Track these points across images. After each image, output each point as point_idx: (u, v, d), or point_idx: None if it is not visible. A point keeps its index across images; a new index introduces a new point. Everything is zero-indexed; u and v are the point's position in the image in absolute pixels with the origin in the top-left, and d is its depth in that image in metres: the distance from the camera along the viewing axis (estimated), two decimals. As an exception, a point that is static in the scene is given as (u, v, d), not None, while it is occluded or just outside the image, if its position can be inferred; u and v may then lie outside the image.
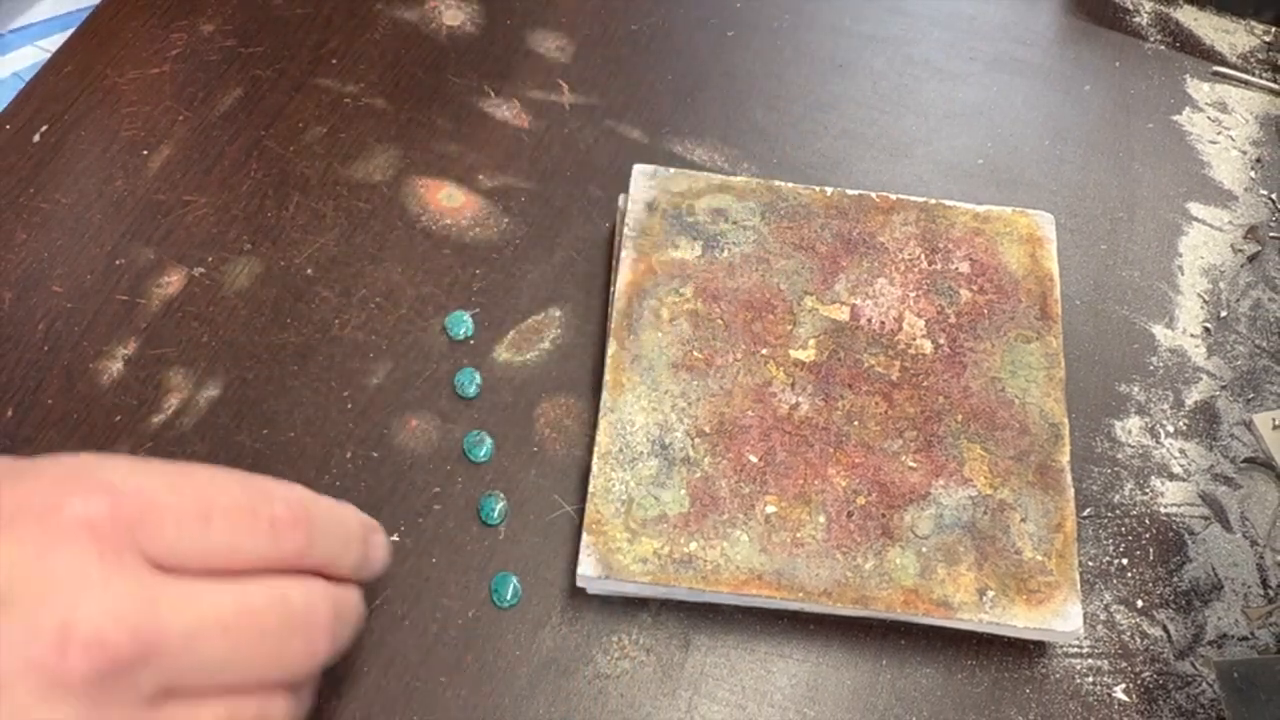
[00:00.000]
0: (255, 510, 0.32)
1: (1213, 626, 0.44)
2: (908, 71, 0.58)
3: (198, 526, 0.31)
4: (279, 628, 0.32)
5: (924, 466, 0.43)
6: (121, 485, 0.31)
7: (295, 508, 0.33)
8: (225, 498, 0.32)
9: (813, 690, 0.41)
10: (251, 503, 0.32)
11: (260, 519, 0.32)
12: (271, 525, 0.32)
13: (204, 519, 0.31)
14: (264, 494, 0.33)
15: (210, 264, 0.48)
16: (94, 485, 0.30)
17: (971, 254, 0.48)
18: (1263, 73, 0.59)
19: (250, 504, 0.32)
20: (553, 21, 0.57)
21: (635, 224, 0.47)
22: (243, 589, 0.32)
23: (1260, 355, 0.50)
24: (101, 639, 0.28)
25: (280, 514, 0.33)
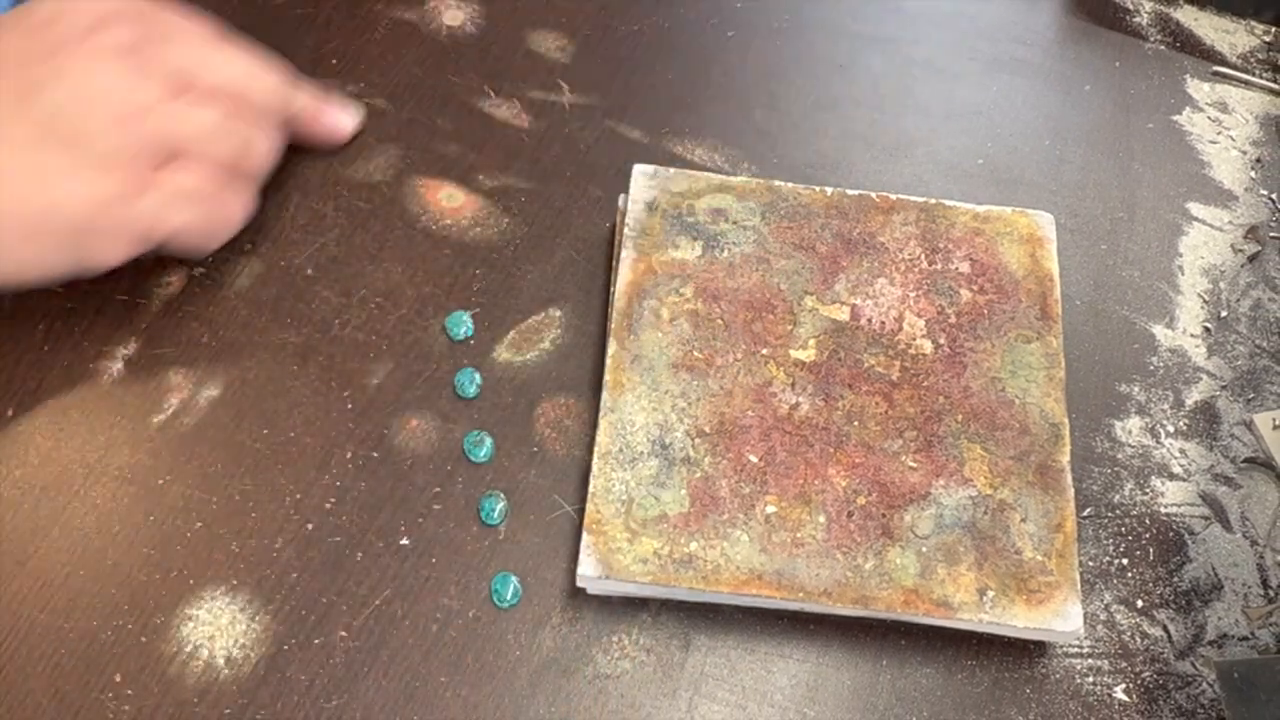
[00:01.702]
0: (255, 57, 0.46)
1: (1213, 626, 0.44)
2: (908, 71, 0.58)
3: (215, 45, 0.44)
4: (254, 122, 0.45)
5: (924, 466, 0.43)
6: (151, 13, 0.43)
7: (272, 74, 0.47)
8: (232, 34, 0.46)
9: (813, 690, 0.41)
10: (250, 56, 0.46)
11: (256, 57, 0.46)
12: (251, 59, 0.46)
13: (221, 40, 0.45)
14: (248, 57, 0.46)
15: (210, 264, 0.48)
16: (124, 13, 0.42)
17: (971, 254, 0.48)
18: (1263, 73, 0.59)
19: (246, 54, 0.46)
20: (553, 21, 0.57)
21: (635, 224, 0.47)
22: (222, 115, 0.44)
23: (1260, 355, 0.51)
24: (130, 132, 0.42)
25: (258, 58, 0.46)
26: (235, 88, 0.44)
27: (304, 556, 0.42)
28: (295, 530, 0.43)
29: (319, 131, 0.50)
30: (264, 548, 0.42)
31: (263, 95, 0.46)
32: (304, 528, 0.43)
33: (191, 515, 0.43)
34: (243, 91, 0.44)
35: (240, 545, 0.42)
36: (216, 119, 0.43)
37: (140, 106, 0.41)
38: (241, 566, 0.42)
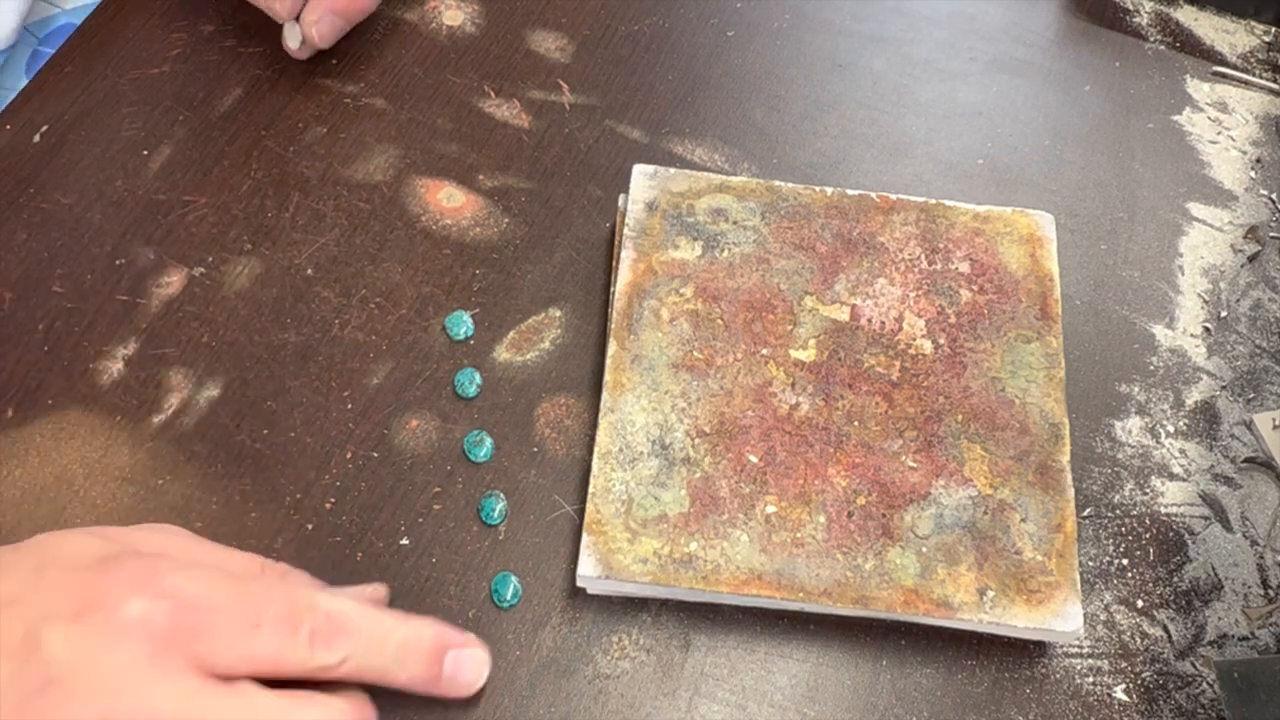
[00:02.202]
0: (299, 620, 0.35)
1: (1213, 626, 0.44)
2: (908, 71, 0.58)
3: (247, 634, 0.34)
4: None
5: (924, 466, 0.43)
6: (184, 592, 0.34)
7: (333, 621, 0.35)
8: (275, 606, 0.35)
9: (813, 690, 0.41)
10: (296, 613, 0.35)
11: (302, 629, 0.35)
12: (311, 636, 0.35)
13: (254, 628, 0.34)
14: (309, 604, 0.35)
15: (210, 264, 0.48)
16: (160, 590, 0.34)
17: (971, 254, 0.48)
18: (1263, 73, 0.59)
19: (296, 614, 0.35)
20: (553, 21, 0.57)
21: (635, 224, 0.47)
22: (280, 709, 0.34)
23: (1260, 355, 0.50)
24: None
25: (319, 626, 0.35)
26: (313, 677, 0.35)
27: (304, 556, 0.42)
28: (295, 530, 0.43)
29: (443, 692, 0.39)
30: (264, 548, 0.42)
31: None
32: (304, 528, 0.43)
33: (191, 515, 0.43)
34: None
35: (240, 545, 0.42)
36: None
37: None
38: (241, 566, 0.42)
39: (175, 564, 0.35)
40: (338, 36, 0.52)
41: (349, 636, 0.36)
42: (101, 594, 0.33)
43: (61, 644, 0.32)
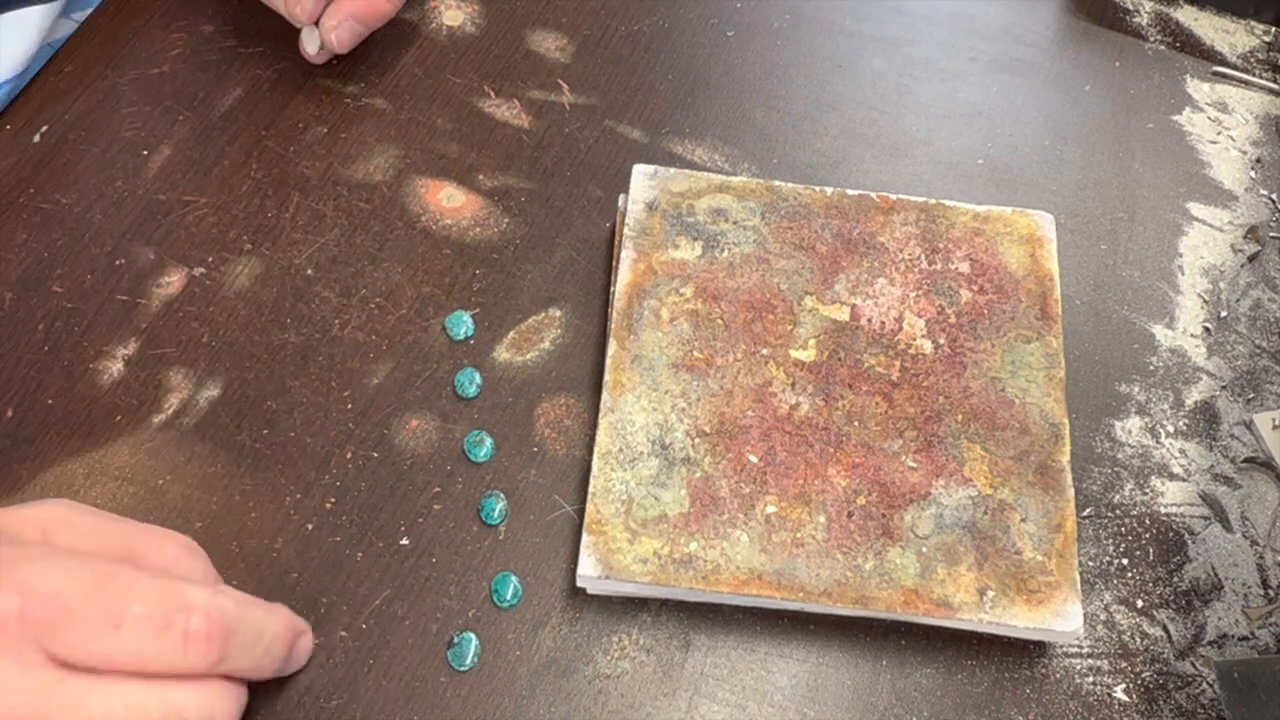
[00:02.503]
0: (170, 620, 0.33)
1: (1213, 626, 0.44)
2: (908, 71, 0.58)
3: (106, 633, 0.32)
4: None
5: (924, 466, 0.43)
6: (38, 586, 0.32)
7: (214, 620, 0.33)
8: (141, 606, 0.33)
9: (813, 690, 0.41)
10: (166, 613, 0.33)
11: (173, 630, 0.33)
12: (184, 638, 0.33)
13: (114, 626, 0.32)
14: (183, 604, 0.33)
15: (210, 264, 0.48)
16: (9, 583, 0.32)
17: (971, 254, 0.48)
18: (1263, 73, 0.59)
19: (165, 614, 0.33)
20: (553, 21, 0.57)
21: (635, 224, 0.47)
22: (140, 697, 0.33)
23: (1260, 355, 0.50)
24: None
25: (196, 627, 0.33)
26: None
27: (304, 556, 0.42)
28: (295, 530, 0.43)
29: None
30: (264, 548, 0.42)
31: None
32: (304, 528, 0.43)
33: (191, 515, 0.43)
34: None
35: (240, 545, 0.42)
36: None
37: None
38: (241, 566, 0.42)
39: (36, 554, 0.33)
40: (356, 42, 0.52)
41: (225, 639, 0.34)
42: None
43: None
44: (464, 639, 0.41)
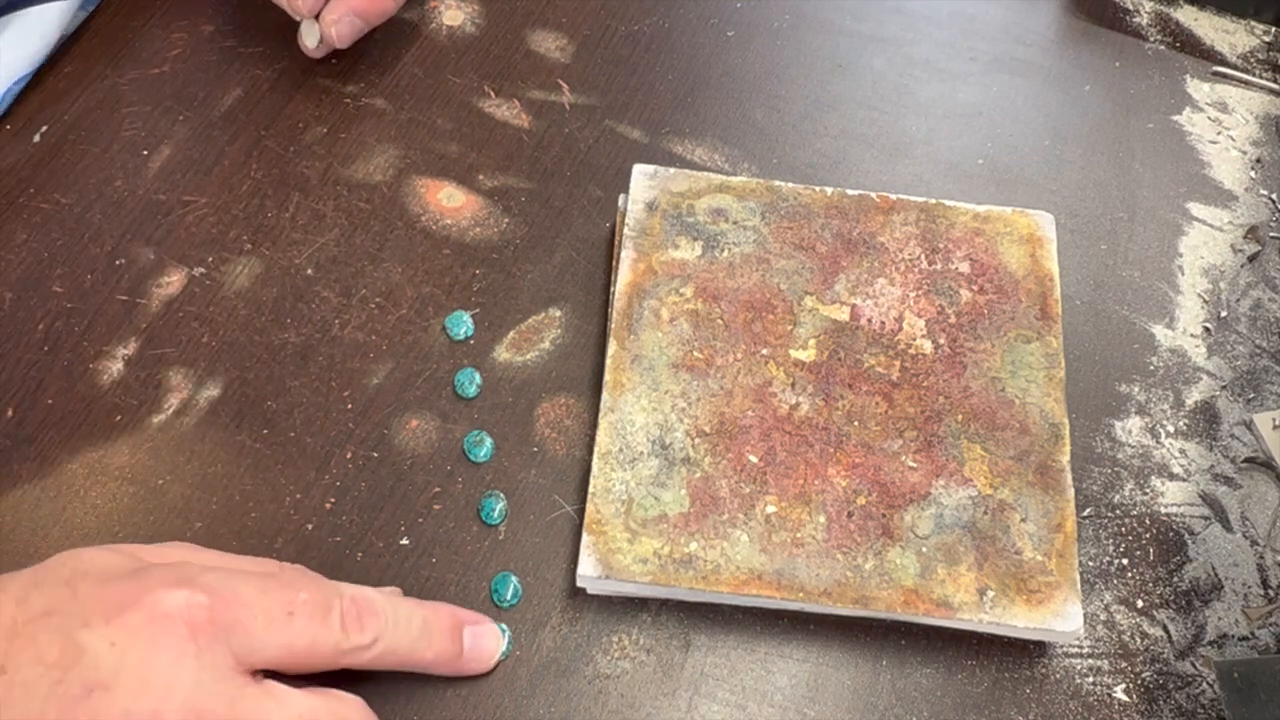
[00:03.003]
0: (329, 605, 0.36)
1: (1213, 626, 0.44)
2: (908, 71, 0.58)
3: (284, 622, 0.35)
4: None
5: (924, 466, 0.43)
6: (220, 587, 0.34)
7: (360, 602, 0.37)
8: (304, 594, 0.36)
9: (813, 690, 0.41)
10: (326, 598, 0.36)
11: (333, 614, 0.36)
12: (342, 618, 0.36)
13: (289, 615, 0.35)
14: (335, 591, 0.37)
15: (210, 264, 0.48)
16: (197, 585, 0.34)
17: (971, 254, 0.48)
18: (1263, 73, 0.59)
19: (325, 599, 0.36)
20: (553, 21, 0.57)
21: (635, 224, 0.47)
22: (310, 704, 0.35)
23: (1260, 355, 0.50)
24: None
25: (348, 608, 0.36)
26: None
27: (304, 556, 0.42)
28: (295, 530, 0.43)
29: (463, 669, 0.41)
30: (264, 548, 0.42)
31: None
32: (304, 528, 0.43)
33: (191, 515, 0.43)
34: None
35: (240, 545, 0.42)
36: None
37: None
38: (241, 566, 0.42)
39: (202, 567, 0.35)
40: (356, 37, 0.52)
41: (376, 618, 0.36)
42: (137, 595, 0.33)
43: (104, 648, 0.32)
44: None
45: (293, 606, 0.35)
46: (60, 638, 0.32)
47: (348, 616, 0.36)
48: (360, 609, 0.36)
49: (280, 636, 0.34)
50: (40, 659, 0.32)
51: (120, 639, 0.32)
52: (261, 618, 0.34)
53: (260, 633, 0.34)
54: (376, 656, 0.36)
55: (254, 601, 0.34)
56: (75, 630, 0.32)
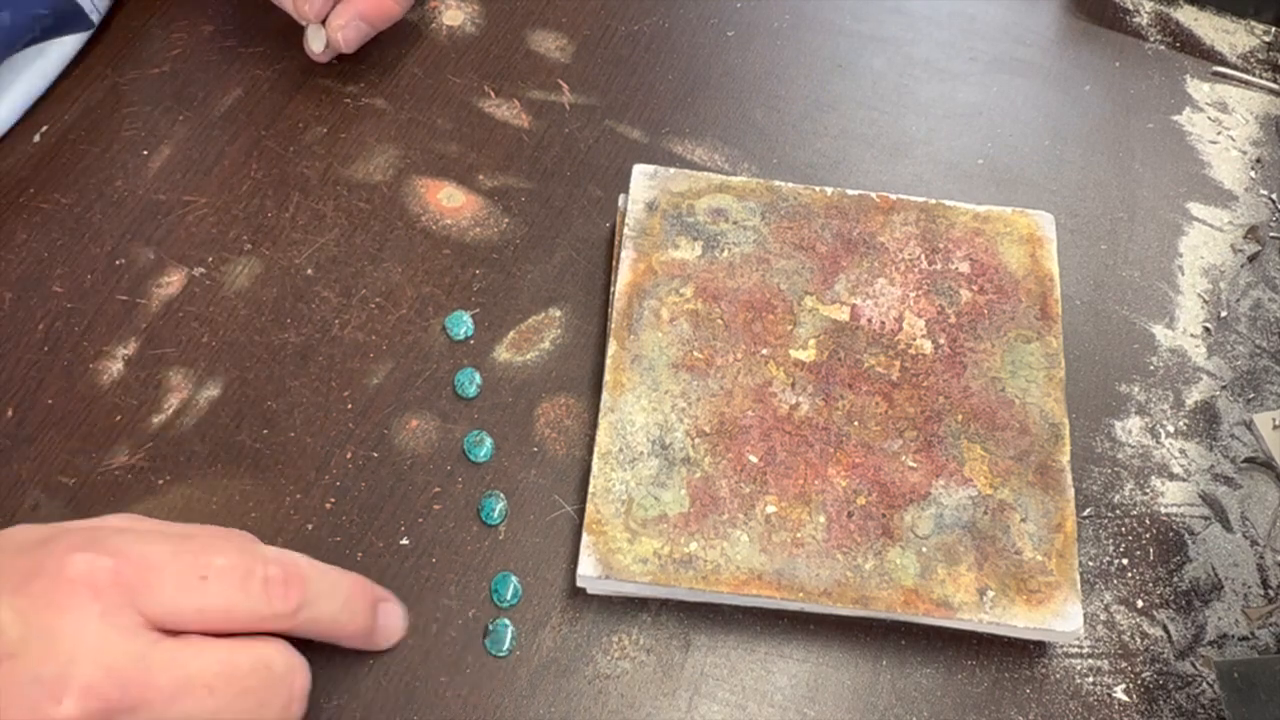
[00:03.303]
0: (250, 570, 0.35)
1: (1213, 626, 0.44)
2: (908, 71, 0.58)
3: (195, 586, 0.34)
4: (259, 688, 0.35)
5: (924, 466, 0.43)
6: (127, 550, 0.34)
7: (288, 568, 0.36)
8: (222, 559, 0.35)
9: (813, 690, 0.41)
10: (246, 564, 0.35)
11: (254, 578, 0.35)
12: (265, 584, 0.35)
13: (200, 579, 0.34)
14: (259, 556, 0.36)
15: (210, 264, 0.48)
16: (101, 549, 0.34)
17: (971, 254, 0.48)
18: (1263, 73, 0.59)
19: (245, 565, 0.35)
20: (553, 21, 0.57)
21: (635, 224, 0.47)
22: (229, 651, 0.34)
23: (1260, 355, 0.51)
24: (94, 690, 0.32)
25: (273, 574, 0.35)
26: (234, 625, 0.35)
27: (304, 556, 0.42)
28: (295, 530, 0.43)
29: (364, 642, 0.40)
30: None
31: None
32: (304, 528, 0.43)
33: (191, 515, 0.43)
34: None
35: (240, 545, 0.42)
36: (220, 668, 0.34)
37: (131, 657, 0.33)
38: (241, 566, 0.42)
39: (117, 528, 0.35)
40: (363, 42, 0.52)
41: (302, 586, 0.36)
42: (42, 561, 0.33)
43: (10, 617, 0.32)
44: (500, 625, 0.41)
45: (206, 570, 0.34)
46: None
47: (272, 583, 0.35)
48: (287, 575, 0.35)
49: (192, 600, 0.34)
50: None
51: (25, 606, 0.32)
52: (171, 580, 0.34)
53: (170, 594, 0.34)
54: (298, 624, 0.36)
55: (164, 564, 0.34)
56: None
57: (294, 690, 0.36)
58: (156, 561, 0.34)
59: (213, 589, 0.34)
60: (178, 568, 0.34)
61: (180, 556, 0.34)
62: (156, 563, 0.34)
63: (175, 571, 0.34)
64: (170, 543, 0.35)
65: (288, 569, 0.36)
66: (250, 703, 0.34)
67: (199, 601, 0.34)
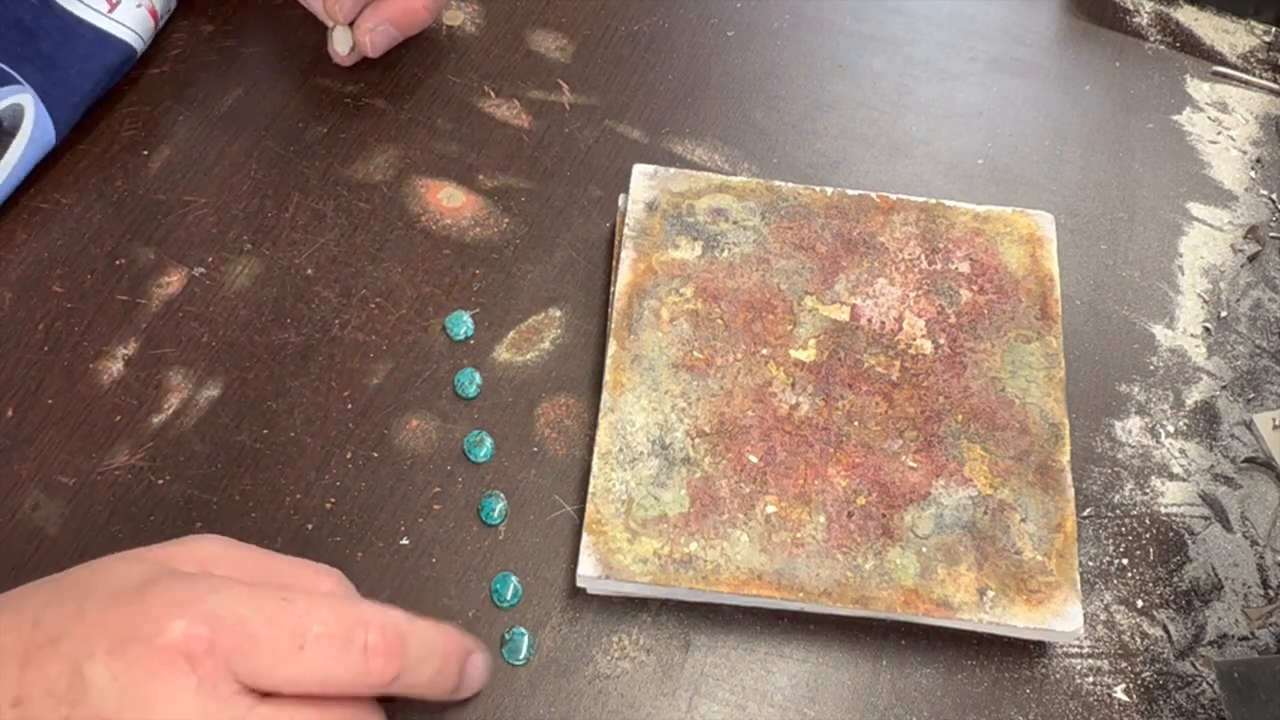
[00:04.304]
0: (350, 637, 0.33)
1: (1213, 626, 0.44)
2: (908, 71, 0.58)
3: (292, 655, 0.33)
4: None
5: (924, 466, 0.43)
6: (224, 614, 0.33)
7: (390, 635, 0.34)
8: (320, 625, 0.33)
9: (813, 690, 0.41)
10: (346, 629, 0.34)
11: (354, 646, 0.33)
12: (365, 653, 0.33)
13: (298, 648, 0.33)
14: (360, 620, 0.34)
15: (210, 264, 0.48)
16: (197, 614, 0.32)
17: (971, 254, 0.48)
18: (1263, 73, 0.59)
19: (345, 631, 0.34)
20: (553, 21, 0.57)
21: (635, 224, 0.47)
22: (321, 713, 0.33)
23: (1260, 355, 0.51)
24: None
25: (374, 642, 0.34)
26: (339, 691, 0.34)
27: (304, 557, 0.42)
28: (295, 530, 0.43)
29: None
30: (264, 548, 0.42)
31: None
32: (304, 528, 0.43)
33: (192, 515, 0.43)
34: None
35: (240, 545, 0.42)
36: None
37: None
38: (241, 566, 0.42)
39: (214, 585, 0.34)
40: (389, 47, 0.52)
41: (402, 652, 0.34)
42: (138, 623, 0.32)
43: (107, 681, 0.32)
44: (516, 633, 0.41)
45: (304, 639, 0.33)
46: (68, 669, 0.32)
47: (373, 652, 0.33)
48: (387, 643, 0.34)
49: (289, 670, 0.33)
50: (51, 691, 0.32)
51: (121, 672, 0.32)
52: (268, 650, 0.33)
53: (267, 665, 0.33)
54: (396, 691, 0.35)
55: (259, 632, 0.33)
56: (81, 661, 0.32)
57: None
58: (253, 629, 0.33)
59: (310, 659, 0.33)
60: (274, 634, 0.33)
61: (278, 622, 0.33)
62: (253, 630, 0.33)
63: (272, 639, 0.33)
64: (269, 604, 0.33)
65: (388, 635, 0.34)
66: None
67: (295, 672, 0.33)
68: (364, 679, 0.34)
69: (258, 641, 0.33)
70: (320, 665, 0.33)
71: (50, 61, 0.48)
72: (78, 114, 0.49)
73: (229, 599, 0.33)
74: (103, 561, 0.35)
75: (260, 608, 0.33)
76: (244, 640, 0.33)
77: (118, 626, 0.32)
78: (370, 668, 0.34)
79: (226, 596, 0.33)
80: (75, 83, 0.49)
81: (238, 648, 0.32)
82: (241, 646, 0.32)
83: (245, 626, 0.33)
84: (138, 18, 0.51)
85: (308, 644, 0.33)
